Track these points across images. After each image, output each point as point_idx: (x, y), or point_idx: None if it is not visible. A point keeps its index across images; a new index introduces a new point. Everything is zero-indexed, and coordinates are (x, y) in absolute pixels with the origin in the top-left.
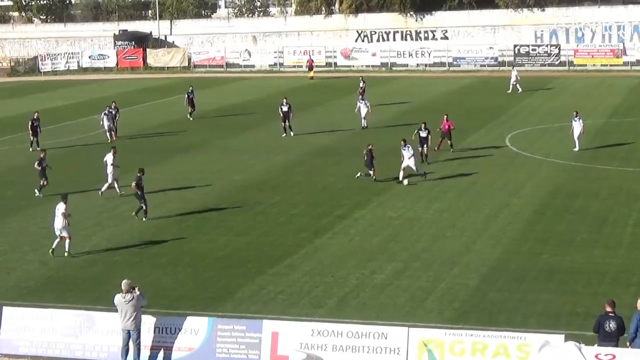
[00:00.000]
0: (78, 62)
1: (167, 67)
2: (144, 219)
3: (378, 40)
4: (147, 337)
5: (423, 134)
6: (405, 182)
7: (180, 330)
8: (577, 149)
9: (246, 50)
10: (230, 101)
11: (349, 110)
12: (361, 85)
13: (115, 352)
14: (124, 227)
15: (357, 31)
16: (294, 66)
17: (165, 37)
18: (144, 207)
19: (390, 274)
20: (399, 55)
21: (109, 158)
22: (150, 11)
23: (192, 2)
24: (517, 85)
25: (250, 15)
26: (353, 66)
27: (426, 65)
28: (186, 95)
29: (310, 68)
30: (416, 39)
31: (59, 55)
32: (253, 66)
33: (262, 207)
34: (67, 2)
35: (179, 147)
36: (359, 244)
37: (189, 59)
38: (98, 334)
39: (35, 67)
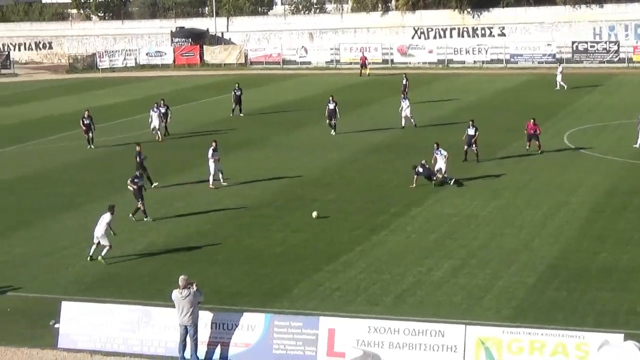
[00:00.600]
0: (135, 59)
1: (224, 64)
2: (145, 219)
3: (435, 37)
4: (204, 332)
5: (471, 131)
6: (451, 182)
7: (237, 326)
8: (637, 145)
9: (302, 47)
10: (286, 98)
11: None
12: (404, 82)
13: (172, 348)
14: (181, 222)
15: (414, 28)
16: (350, 63)
17: (222, 34)
18: (142, 208)
19: (447, 272)
20: (456, 52)
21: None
22: (207, 8)
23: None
24: (561, 83)
25: (307, 12)
26: (410, 63)
27: (483, 62)
28: (233, 93)
29: (364, 65)
30: (473, 36)
31: (117, 52)
32: (309, 63)
33: (318, 204)
34: None
35: (234, 144)
36: (415, 241)
37: (246, 56)
38: (155, 329)
39: (94, 64)
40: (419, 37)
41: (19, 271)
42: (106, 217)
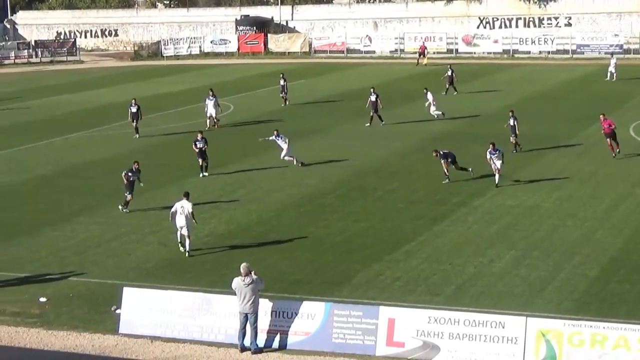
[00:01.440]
0: (200, 47)
1: (288, 53)
2: (125, 210)
3: (500, 27)
4: (264, 320)
5: (511, 122)
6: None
7: (297, 315)
8: None
9: (367, 36)
10: (350, 87)
11: (468, 97)
12: (449, 73)
13: (232, 335)
14: (243, 210)
15: (479, 17)
16: (415, 52)
17: (287, 22)
18: (129, 199)
19: (508, 263)
20: (521, 42)
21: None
22: None
23: None
24: (614, 73)
25: (371, 1)
26: (474, 53)
27: (549, 52)
28: (282, 82)
29: (423, 54)
30: (539, 26)
31: (182, 40)
32: (374, 52)
33: (380, 193)
34: None
35: (298, 132)
36: (477, 232)
37: (310, 45)
38: (216, 317)
39: (158, 51)
40: (484, 27)
41: (82, 256)
42: (187, 206)
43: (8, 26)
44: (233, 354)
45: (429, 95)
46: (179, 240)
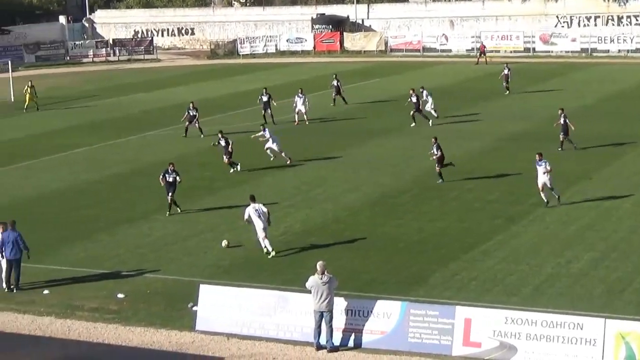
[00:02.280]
0: (276, 46)
1: (364, 51)
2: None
3: (578, 25)
4: (339, 319)
5: (562, 120)
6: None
7: (372, 314)
8: None
9: (443, 34)
10: (426, 86)
11: (545, 96)
12: (505, 72)
13: (308, 333)
14: (318, 209)
15: (557, 16)
16: (492, 51)
17: (363, 20)
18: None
19: (586, 264)
20: (600, 41)
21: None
22: None
23: None
24: None
25: None
26: (552, 52)
27: (628, 51)
28: (335, 83)
29: (483, 53)
30: (618, 24)
31: (257, 39)
32: (450, 51)
33: (456, 193)
34: None
35: (373, 130)
36: (554, 232)
37: (386, 43)
38: (291, 315)
39: (235, 50)
40: (562, 26)
41: (158, 254)
42: (263, 208)
43: (87, 25)
44: (309, 352)
45: (425, 94)
46: (263, 245)
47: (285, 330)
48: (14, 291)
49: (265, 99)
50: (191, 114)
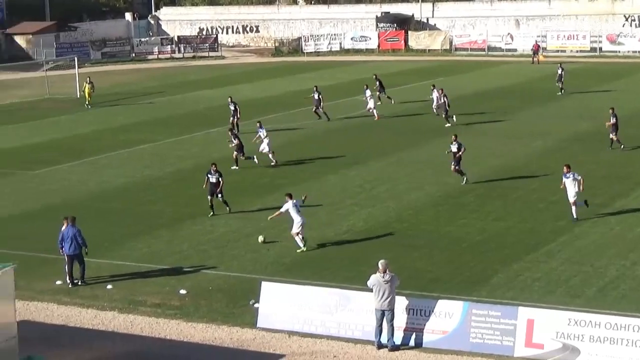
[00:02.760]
0: (340, 44)
1: (428, 50)
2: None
3: None
4: (400, 318)
5: (612, 120)
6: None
7: (434, 313)
8: None
9: (508, 34)
10: (491, 85)
11: (612, 96)
12: (559, 72)
13: (369, 332)
14: (381, 208)
15: (625, 15)
16: (557, 51)
17: (427, 19)
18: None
19: None
20: None
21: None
22: None
23: None
24: None
25: None
26: (619, 52)
27: None
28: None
29: (536, 52)
30: None
31: (322, 37)
32: (515, 50)
33: (520, 193)
34: None
35: (437, 129)
36: (619, 234)
37: (451, 42)
38: (353, 313)
39: (299, 47)
40: (630, 25)
41: (221, 250)
42: (295, 205)
43: (152, 22)
44: (370, 351)
45: (435, 93)
46: (298, 240)
47: (346, 328)
48: (79, 285)
49: (316, 96)
50: (231, 108)
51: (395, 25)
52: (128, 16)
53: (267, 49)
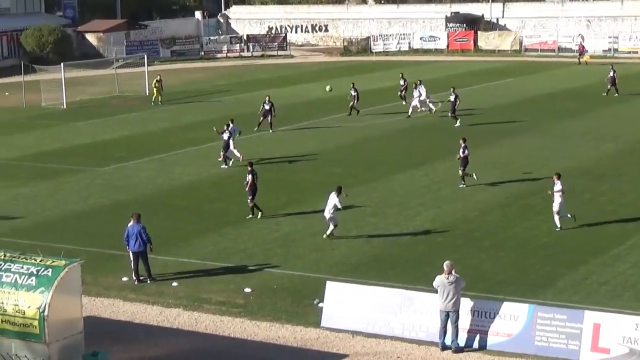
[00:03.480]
0: (409, 44)
1: (498, 50)
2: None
3: None
4: (465, 319)
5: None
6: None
7: (499, 315)
8: None
9: (579, 34)
10: (561, 86)
11: None
12: (611, 74)
13: (433, 333)
14: (447, 208)
15: None
16: (629, 52)
17: (497, 19)
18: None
19: None
20: None
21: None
22: None
23: None
24: None
25: None
26: None
27: None
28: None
29: (582, 53)
30: None
31: (391, 36)
32: (586, 51)
33: (588, 196)
34: None
35: (506, 130)
36: None
37: (520, 43)
38: (417, 314)
39: (367, 47)
40: None
41: (286, 249)
42: (333, 198)
43: (222, 20)
44: (434, 352)
45: (422, 89)
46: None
47: (410, 329)
48: (148, 282)
49: (267, 107)
50: (266, 107)
51: (464, 25)
52: (198, 14)
53: (336, 48)
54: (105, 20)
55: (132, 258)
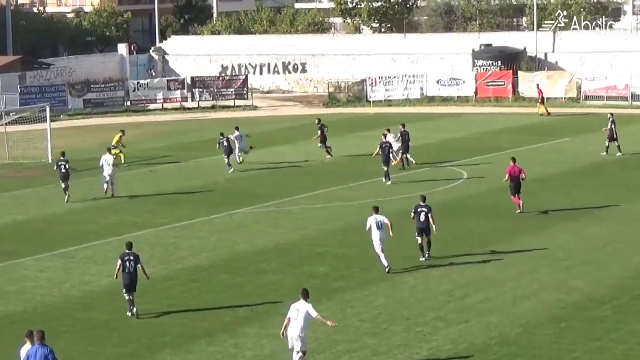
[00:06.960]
0: (421, 88)
1: (547, 99)
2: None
3: None
4: None
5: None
6: None
7: None
8: None
9: None
10: (636, 149)
11: None
12: (609, 126)
13: None
14: (478, 323)
15: None
16: None
17: (545, 55)
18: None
19: None
20: None
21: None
22: (525, 19)
23: (584, 7)
24: None
25: None
26: None
27: None
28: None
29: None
30: None
31: (395, 79)
32: None
33: None
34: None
35: (560, 212)
36: None
37: (579, 88)
38: None
39: (362, 94)
40: None
41: None
42: (303, 307)
43: (155, 57)
44: None
45: (390, 137)
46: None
47: None
48: None
49: (225, 143)
50: (224, 144)
51: (499, 62)
52: (122, 48)
53: (317, 95)
54: None
55: None
